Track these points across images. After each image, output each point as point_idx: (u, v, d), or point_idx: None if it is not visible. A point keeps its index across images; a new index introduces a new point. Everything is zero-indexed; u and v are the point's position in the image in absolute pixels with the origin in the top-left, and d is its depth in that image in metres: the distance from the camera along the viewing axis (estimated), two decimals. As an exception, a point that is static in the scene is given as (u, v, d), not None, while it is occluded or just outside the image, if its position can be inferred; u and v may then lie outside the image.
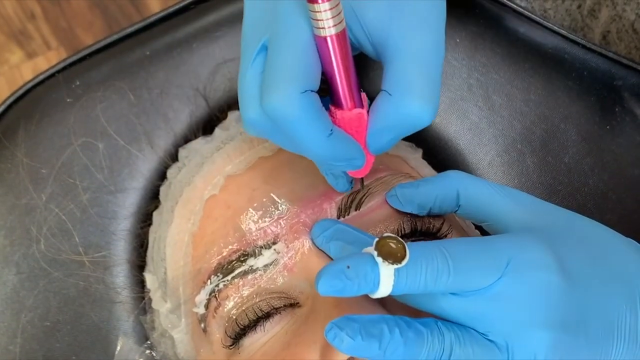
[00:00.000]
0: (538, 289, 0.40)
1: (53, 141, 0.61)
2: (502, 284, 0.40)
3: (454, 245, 0.40)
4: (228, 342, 0.50)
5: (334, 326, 0.39)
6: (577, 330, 0.41)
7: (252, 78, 0.43)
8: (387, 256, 0.39)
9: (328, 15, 0.40)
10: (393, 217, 0.50)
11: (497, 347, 0.40)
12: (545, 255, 0.41)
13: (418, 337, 0.40)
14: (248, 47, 0.44)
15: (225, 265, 0.50)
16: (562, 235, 0.44)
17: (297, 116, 0.41)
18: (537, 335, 0.40)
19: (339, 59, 0.43)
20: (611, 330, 0.42)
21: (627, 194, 0.62)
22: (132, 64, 0.63)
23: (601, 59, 0.63)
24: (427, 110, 0.42)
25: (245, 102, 0.44)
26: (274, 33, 0.43)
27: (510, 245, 0.42)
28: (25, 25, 1.46)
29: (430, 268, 0.39)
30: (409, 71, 0.42)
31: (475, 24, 0.63)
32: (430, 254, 0.39)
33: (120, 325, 0.60)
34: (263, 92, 0.42)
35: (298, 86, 0.41)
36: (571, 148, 0.62)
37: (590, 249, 0.44)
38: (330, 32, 0.41)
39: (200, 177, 0.55)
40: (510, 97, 0.63)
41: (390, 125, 0.44)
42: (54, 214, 0.60)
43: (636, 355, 0.43)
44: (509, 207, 0.46)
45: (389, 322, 0.40)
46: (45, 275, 0.60)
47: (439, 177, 0.48)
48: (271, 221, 0.50)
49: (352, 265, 0.39)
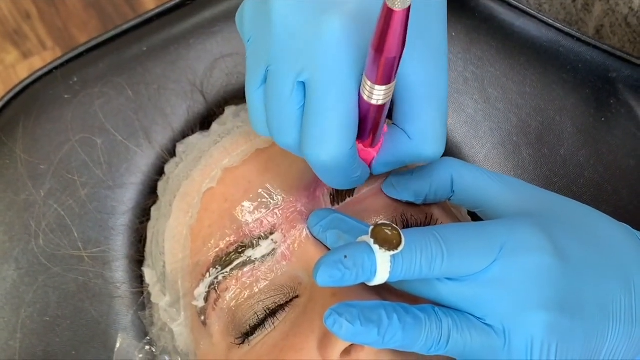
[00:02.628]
0: (533, 271, 0.41)
1: (51, 137, 0.61)
2: (497, 267, 0.40)
3: (447, 230, 0.41)
4: (238, 341, 0.50)
5: (333, 312, 0.39)
6: (573, 311, 0.41)
7: (293, 112, 0.43)
8: (383, 243, 0.39)
9: (381, 93, 0.41)
10: (388, 208, 0.50)
11: (494, 331, 0.41)
12: (539, 237, 0.41)
13: (416, 322, 0.40)
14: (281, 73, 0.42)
15: (223, 257, 0.50)
16: (556, 219, 0.44)
17: (341, 170, 0.43)
18: (533, 317, 0.40)
19: (377, 119, 0.43)
20: (607, 311, 0.42)
21: (622, 185, 0.62)
22: (129, 60, 0.63)
23: (596, 51, 0.63)
24: (441, 152, 0.44)
25: (280, 130, 0.44)
26: (317, 73, 0.41)
27: (504, 229, 0.42)
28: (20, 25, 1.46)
29: (425, 253, 0.39)
30: (431, 117, 0.43)
31: (471, 18, 0.64)
32: (424, 239, 0.40)
33: (120, 320, 0.61)
34: (308, 140, 0.42)
35: (347, 144, 0.42)
36: (567, 140, 0.62)
37: (584, 232, 0.44)
38: (378, 103, 0.41)
39: (198, 171, 0.55)
40: (505, 90, 0.63)
41: (400, 161, 0.45)
42: (53, 209, 0.60)
43: (632, 335, 0.43)
44: (503, 193, 0.46)
45: (387, 308, 0.40)
46: (44, 271, 0.60)
47: (434, 165, 0.48)
48: (268, 212, 0.50)
49: (349, 255, 0.39)
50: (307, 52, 0.41)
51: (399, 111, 0.44)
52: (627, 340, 0.43)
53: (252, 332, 0.49)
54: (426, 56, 0.43)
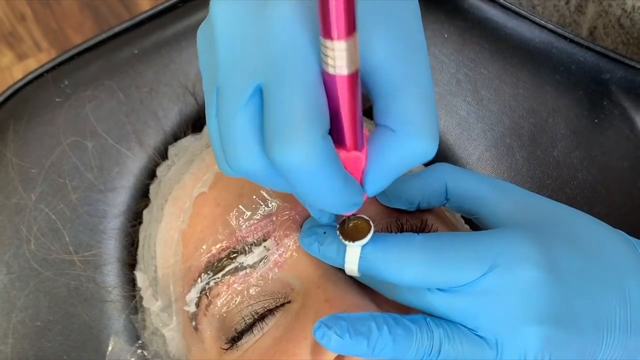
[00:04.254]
0: (527, 284, 0.40)
1: (42, 141, 0.61)
2: (489, 279, 0.40)
3: (437, 238, 0.41)
4: (226, 346, 0.50)
5: (322, 325, 0.39)
6: (567, 324, 0.41)
7: (244, 124, 0.36)
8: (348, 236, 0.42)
9: (343, 54, 0.34)
10: (381, 216, 0.50)
11: (486, 343, 0.41)
12: (533, 250, 0.41)
13: (407, 333, 0.40)
14: (230, 87, 0.37)
15: (215, 262, 0.50)
16: (551, 230, 0.44)
17: (319, 165, 0.35)
18: (527, 331, 0.40)
19: (349, 99, 0.36)
20: (601, 322, 0.42)
21: (615, 187, 0.62)
22: (120, 62, 0.63)
23: (589, 52, 0.63)
24: (434, 144, 0.38)
25: (236, 153, 0.37)
26: (272, 68, 0.35)
27: (497, 240, 0.41)
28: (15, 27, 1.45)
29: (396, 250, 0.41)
30: (418, 108, 0.37)
31: (464, 19, 0.64)
32: (403, 238, 0.41)
33: (112, 324, 0.60)
34: (272, 141, 0.35)
35: (319, 129, 0.35)
36: (560, 142, 0.62)
37: (579, 242, 0.44)
38: (342, 72, 0.35)
39: (190, 175, 0.55)
40: (498, 91, 0.63)
41: (393, 166, 0.39)
42: (44, 213, 0.60)
43: (627, 344, 0.43)
44: (498, 200, 0.46)
45: (377, 319, 0.40)
46: (35, 275, 0.60)
47: (427, 171, 0.48)
48: (261, 218, 0.50)
49: (327, 232, 0.44)
50: (258, 51, 0.36)
51: (379, 110, 0.38)
52: (621, 350, 0.43)
53: (240, 336, 0.49)
54: (404, 47, 0.38)
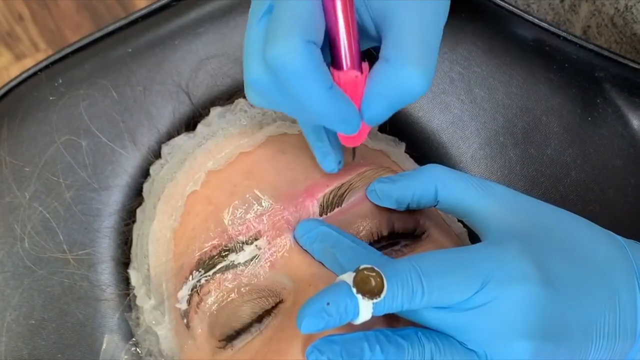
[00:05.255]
0: (518, 300, 0.41)
1: (36, 139, 0.61)
2: (480, 297, 0.40)
3: (428, 262, 0.41)
4: (220, 344, 0.50)
5: (315, 349, 0.40)
6: (557, 336, 0.41)
7: (257, 35, 0.43)
8: (365, 292, 0.40)
9: None
10: (373, 214, 0.50)
11: (477, 356, 0.41)
12: (525, 266, 0.41)
13: (399, 351, 0.40)
14: (254, 8, 0.44)
15: (206, 260, 0.50)
16: (542, 238, 0.44)
17: (299, 65, 0.41)
18: (517, 346, 0.40)
19: (343, 16, 0.42)
20: (590, 331, 0.42)
21: (609, 185, 0.62)
22: (114, 61, 0.63)
23: (582, 50, 0.63)
24: (423, 77, 0.41)
25: (248, 59, 0.43)
26: None
27: (488, 257, 0.42)
28: (13, 27, 1.46)
29: (406, 291, 0.40)
30: (408, 38, 0.41)
31: (457, 18, 0.64)
32: (405, 277, 0.40)
33: (106, 322, 0.60)
34: (266, 44, 0.41)
35: (301, 35, 0.40)
36: (553, 140, 0.62)
37: (571, 249, 0.44)
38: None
39: (182, 173, 0.55)
40: (492, 90, 0.63)
41: (385, 92, 0.42)
42: (38, 212, 0.60)
43: (615, 348, 0.43)
44: (488, 205, 0.46)
45: (369, 339, 0.40)
46: (29, 274, 0.60)
47: (417, 172, 0.48)
48: (253, 217, 0.50)
49: (331, 302, 0.39)
50: None
51: (384, 44, 0.43)
52: (609, 354, 0.43)
53: (236, 335, 0.49)
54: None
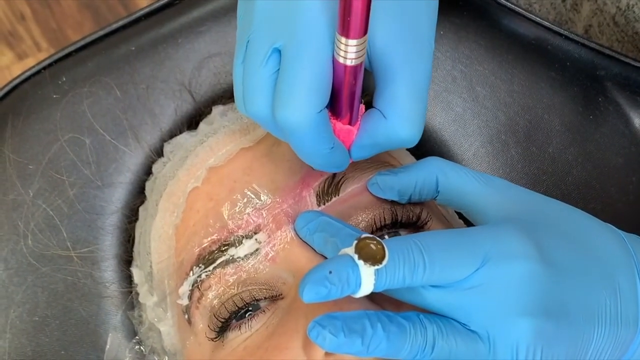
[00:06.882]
0: (518, 278, 0.41)
1: (40, 137, 0.62)
2: (480, 275, 0.40)
3: (430, 239, 0.41)
4: (212, 334, 0.50)
5: (316, 324, 0.39)
6: (558, 316, 0.41)
7: (264, 78, 0.43)
8: (367, 258, 0.39)
9: (353, 49, 0.41)
10: (374, 205, 0.50)
11: (479, 337, 0.41)
12: (524, 244, 0.41)
13: (400, 331, 0.40)
14: (258, 43, 0.44)
15: (206, 255, 0.50)
16: (542, 223, 0.44)
17: (309, 133, 0.43)
18: (518, 324, 0.40)
19: (351, 84, 0.43)
20: (592, 314, 0.42)
21: (610, 183, 0.62)
22: (117, 59, 0.63)
23: (584, 49, 0.64)
24: (418, 132, 0.44)
25: (252, 99, 0.44)
26: (292, 39, 0.42)
27: (488, 236, 0.42)
28: (15, 26, 1.46)
29: (408, 264, 0.40)
30: (407, 98, 0.43)
31: (459, 16, 0.64)
32: (406, 250, 0.40)
33: (109, 319, 0.61)
34: (278, 102, 0.42)
35: (315, 106, 0.42)
36: (555, 138, 0.62)
37: (569, 235, 0.44)
38: (351, 63, 0.42)
39: (184, 171, 0.55)
40: (494, 88, 0.63)
41: (378, 143, 0.45)
42: (42, 209, 0.60)
43: (618, 336, 0.43)
44: (488, 195, 0.46)
45: (371, 317, 0.40)
46: (33, 271, 0.60)
47: (419, 164, 0.48)
48: (253, 211, 0.50)
49: (334, 270, 0.39)
50: (284, 20, 0.43)
51: (377, 92, 0.44)
52: (612, 342, 0.43)
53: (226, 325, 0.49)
54: (408, 39, 0.44)
